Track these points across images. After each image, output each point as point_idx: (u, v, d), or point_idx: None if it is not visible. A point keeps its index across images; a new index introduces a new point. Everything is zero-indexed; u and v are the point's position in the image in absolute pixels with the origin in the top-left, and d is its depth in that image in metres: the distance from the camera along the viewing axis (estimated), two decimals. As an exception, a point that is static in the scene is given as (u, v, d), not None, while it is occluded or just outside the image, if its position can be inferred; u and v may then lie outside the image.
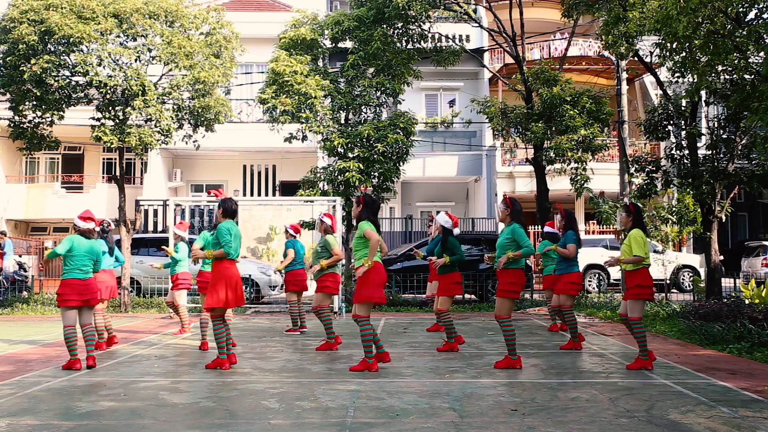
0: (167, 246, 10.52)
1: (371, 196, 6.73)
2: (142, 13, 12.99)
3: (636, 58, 13.37)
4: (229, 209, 6.75)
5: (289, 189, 21.66)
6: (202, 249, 7.67)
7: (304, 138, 14.58)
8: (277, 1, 24.77)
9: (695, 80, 9.69)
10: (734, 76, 10.42)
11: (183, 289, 9.31)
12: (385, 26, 14.15)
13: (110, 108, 13.21)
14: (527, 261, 9.41)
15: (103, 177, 24.48)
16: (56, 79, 12.70)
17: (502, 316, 6.54)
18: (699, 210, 12.03)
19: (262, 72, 16.46)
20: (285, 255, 9.31)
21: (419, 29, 14.62)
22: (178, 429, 4.43)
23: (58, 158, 25.30)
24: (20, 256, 18.15)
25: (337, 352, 7.72)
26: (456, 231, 7.92)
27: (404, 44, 14.66)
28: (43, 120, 13.75)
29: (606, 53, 16.30)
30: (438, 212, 9.04)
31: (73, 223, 6.96)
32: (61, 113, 13.59)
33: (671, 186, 12.75)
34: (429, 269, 9.44)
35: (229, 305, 6.59)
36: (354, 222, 6.47)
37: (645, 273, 6.50)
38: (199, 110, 13.92)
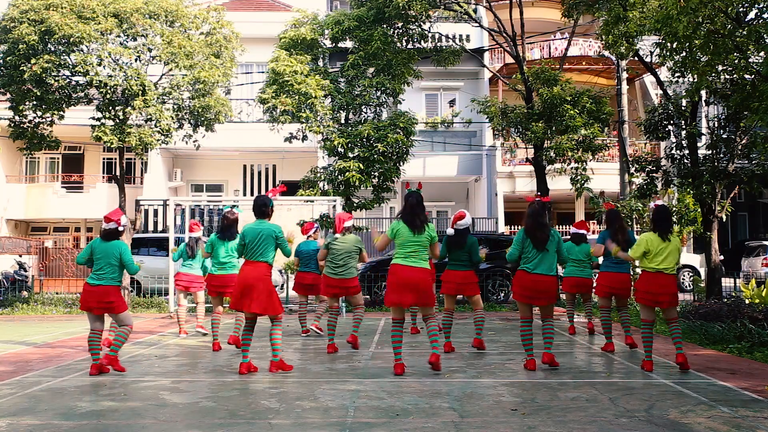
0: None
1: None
2: (142, 13, 12.98)
3: (636, 58, 13.36)
4: None
5: (289, 189, 21.65)
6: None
7: (304, 138, 14.57)
8: (277, 1, 24.76)
9: (695, 80, 9.69)
10: (734, 75, 10.42)
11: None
12: (385, 26, 14.14)
13: (110, 108, 13.21)
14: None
15: (103, 177, 24.49)
16: (56, 78, 12.69)
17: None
18: (699, 210, 12.02)
19: (262, 72, 16.46)
20: None
21: (419, 29, 14.61)
22: (178, 429, 4.43)
23: (58, 158, 25.30)
24: (20, 256, 18.16)
25: (337, 353, 7.71)
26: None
27: (404, 44, 14.64)
28: (44, 120, 13.74)
29: (606, 53, 16.28)
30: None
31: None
32: (61, 113, 13.59)
33: (671, 186, 12.74)
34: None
35: None
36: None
37: None
38: (199, 110, 13.92)
